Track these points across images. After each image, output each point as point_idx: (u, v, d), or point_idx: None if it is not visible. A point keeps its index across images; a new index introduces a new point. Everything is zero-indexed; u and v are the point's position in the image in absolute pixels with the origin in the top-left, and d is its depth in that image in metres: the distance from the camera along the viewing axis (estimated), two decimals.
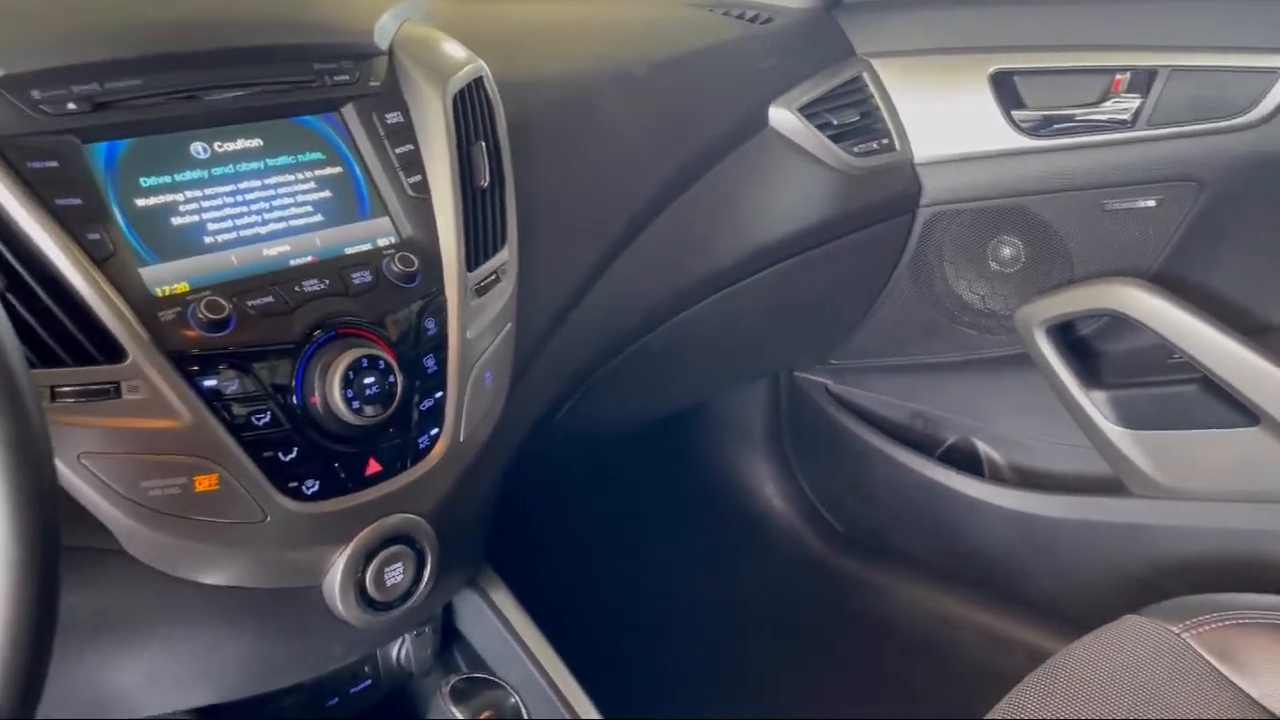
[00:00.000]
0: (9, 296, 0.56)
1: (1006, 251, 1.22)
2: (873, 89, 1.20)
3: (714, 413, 1.57)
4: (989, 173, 1.17)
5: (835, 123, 1.15)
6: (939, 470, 1.35)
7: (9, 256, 0.57)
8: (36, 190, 0.59)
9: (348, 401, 0.65)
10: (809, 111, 1.13)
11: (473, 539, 0.85)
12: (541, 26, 1.08)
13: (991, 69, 1.13)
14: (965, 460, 1.37)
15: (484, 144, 0.79)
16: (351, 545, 0.69)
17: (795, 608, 1.47)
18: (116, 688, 0.68)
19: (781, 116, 1.12)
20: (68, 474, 0.58)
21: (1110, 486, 1.22)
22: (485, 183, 0.78)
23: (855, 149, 1.15)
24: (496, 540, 0.88)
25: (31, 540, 0.39)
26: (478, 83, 0.81)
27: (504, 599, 0.87)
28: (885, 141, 1.19)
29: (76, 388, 0.58)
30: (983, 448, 1.38)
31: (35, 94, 0.61)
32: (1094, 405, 1.17)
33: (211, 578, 0.65)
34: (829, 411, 1.46)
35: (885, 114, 1.19)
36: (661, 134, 1.00)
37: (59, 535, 0.41)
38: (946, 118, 1.17)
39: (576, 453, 1.20)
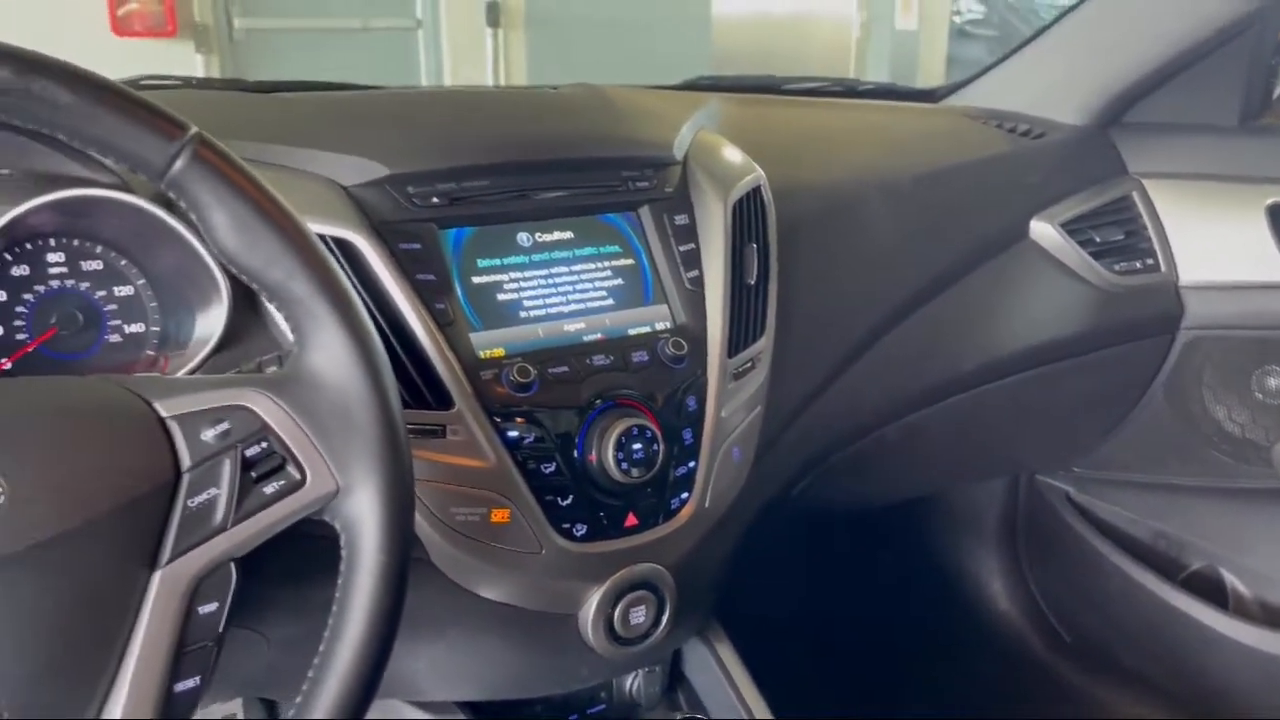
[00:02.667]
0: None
1: (1273, 383, 1.19)
2: (1141, 208, 1.21)
3: (947, 503, 1.59)
4: (1259, 303, 1.15)
5: (1098, 239, 1.17)
6: (1179, 596, 1.31)
7: (379, 318, 0.73)
8: (403, 266, 0.75)
9: (618, 462, 0.76)
10: (1072, 227, 1.16)
11: (707, 594, 0.94)
12: (814, 132, 1.17)
13: (1269, 200, 1.12)
14: (1208, 589, 1.32)
15: (755, 245, 0.89)
16: (606, 585, 0.80)
17: (1012, 708, 1.45)
18: (406, 673, 0.82)
19: (1043, 230, 1.16)
20: None
21: None
22: (753, 280, 0.88)
23: (1116, 267, 1.17)
24: (728, 598, 0.97)
25: (398, 550, 0.52)
26: (756, 191, 0.91)
27: (728, 652, 0.96)
28: (1149, 261, 1.19)
29: (414, 426, 0.73)
30: (1229, 579, 1.32)
31: (410, 189, 0.77)
32: None
33: (491, 593, 0.78)
34: (1067, 519, 1.45)
35: (1152, 234, 1.20)
36: (920, 243, 1.07)
37: (410, 551, 0.54)
38: (1217, 244, 1.16)
39: (809, 527, 1.27)
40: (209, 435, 0.50)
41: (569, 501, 0.77)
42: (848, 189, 1.05)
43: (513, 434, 0.75)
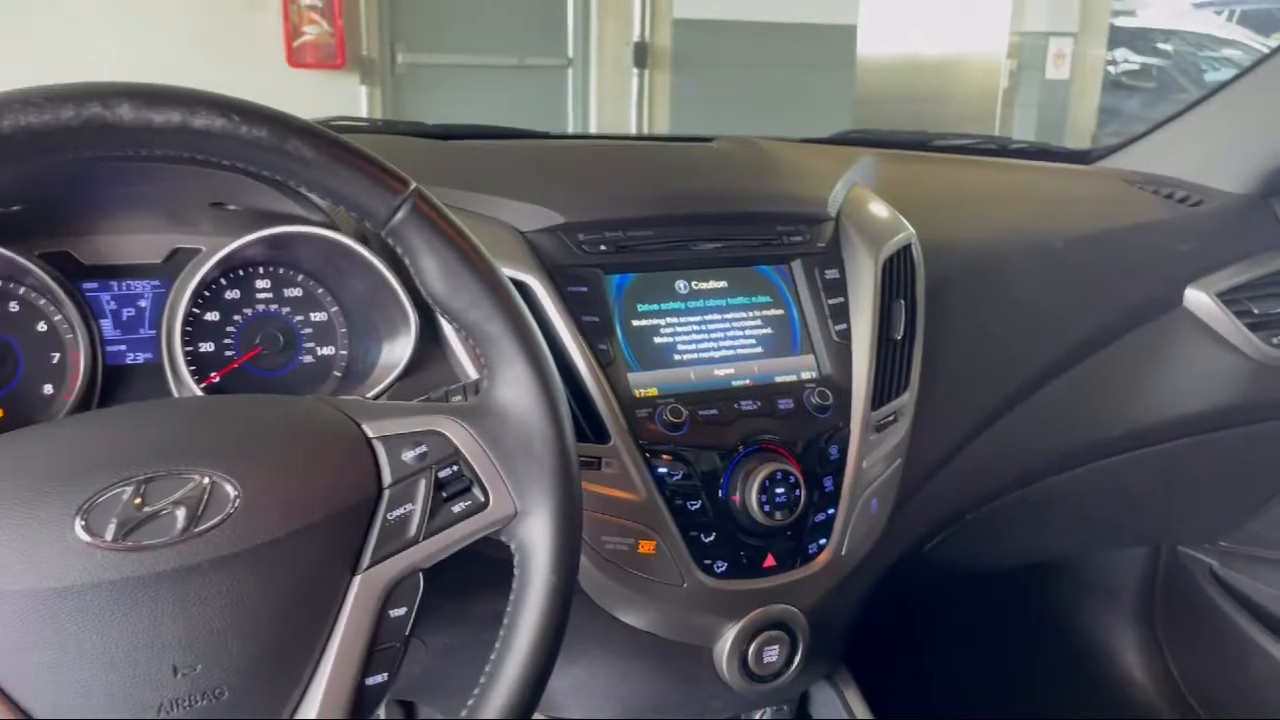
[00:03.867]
0: None
1: None
2: None
3: (1082, 569, 1.55)
4: None
5: (1256, 311, 1.14)
6: None
7: None
8: (571, 307, 0.80)
9: (760, 504, 0.80)
10: (1229, 297, 1.14)
11: (838, 639, 0.96)
12: (965, 191, 1.19)
13: None
14: None
15: (904, 301, 0.92)
16: (742, 622, 0.83)
17: None
18: (550, 691, 0.87)
19: (1198, 299, 1.14)
20: None
21: None
22: (899, 335, 0.91)
23: (1275, 340, 1.14)
24: (857, 646, 0.99)
25: (566, 572, 0.57)
26: (906, 249, 0.94)
27: (855, 698, 0.97)
28: None
29: None
30: None
31: (580, 236, 0.83)
32: None
33: (634, 620, 0.82)
34: (1210, 594, 1.40)
35: None
36: (1070, 306, 1.07)
37: (576, 573, 0.58)
38: None
39: (942, 581, 1.27)
40: (408, 456, 0.56)
41: (712, 539, 0.81)
42: (997, 248, 1.07)
43: (662, 470, 0.80)
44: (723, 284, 0.88)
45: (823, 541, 0.85)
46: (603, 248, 0.83)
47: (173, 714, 0.49)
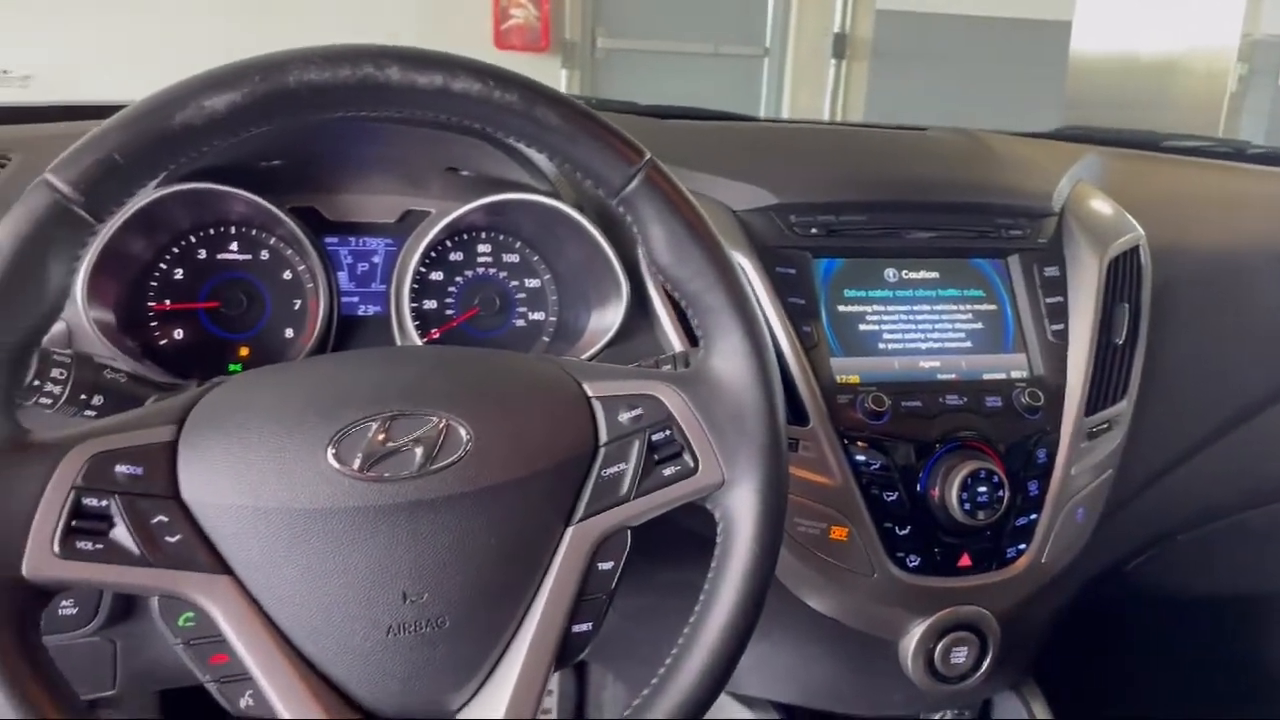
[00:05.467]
0: None
1: None
2: None
3: None
4: None
5: None
6: None
7: None
8: (778, 288, 0.80)
9: (960, 502, 0.78)
10: None
11: (1029, 648, 0.93)
12: (1198, 194, 1.11)
13: None
14: None
15: (1127, 305, 0.87)
16: (931, 620, 0.81)
17: None
18: None
19: None
20: None
21: None
22: (1121, 340, 0.86)
23: None
24: (1048, 659, 0.95)
25: (769, 544, 0.57)
26: (1134, 249, 0.89)
27: (1041, 711, 0.94)
28: None
29: None
30: None
31: (792, 218, 0.83)
32: None
33: (820, 605, 0.82)
34: None
35: None
36: None
37: (779, 547, 0.59)
38: None
39: (1143, 603, 1.20)
40: (624, 417, 0.58)
41: (906, 532, 0.80)
42: (1233, 256, 1.00)
43: (860, 458, 0.79)
44: (934, 275, 0.86)
45: (1022, 546, 0.82)
46: (814, 230, 0.83)
47: (400, 636, 0.53)
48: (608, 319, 0.82)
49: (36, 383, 0.59)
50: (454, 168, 0.84)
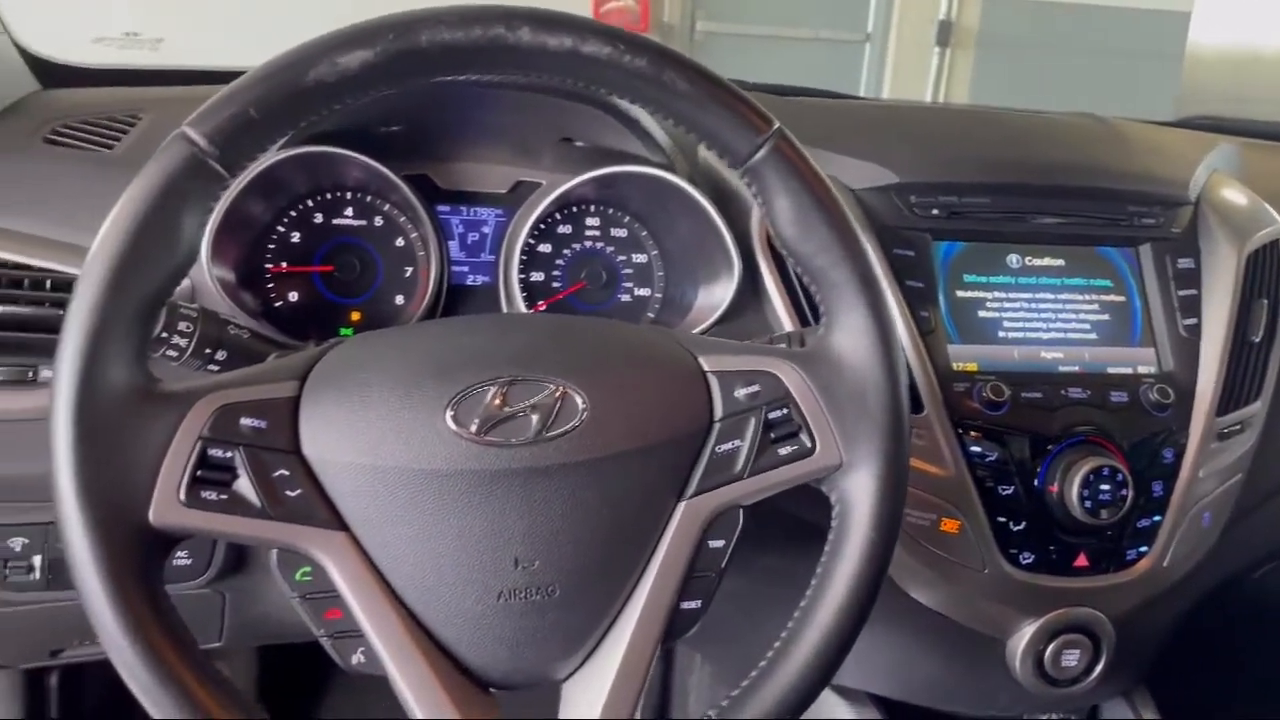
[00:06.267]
0: None
1: None
2: None
3: None
4: None
5: None
6: None
7: None
8: (896, 270, 0.78)
9: (1081, 500, 0.74)
10: None
11: (1144, 655, 0.89)
12: None
13: None
14: None
15: (1266, 300, 0.83)
16: (1043, 620, 0.78)
17: None
18: None
19: None
20: None
21: None
22: (1258, 337, 0.82)
23: None
24: (1162, 667, 0.91)
25: (887, 530, 0.55)
26: (1275, 243, 0.84)
27: (1152, 718, 0.90)
28: None
29: None
30: None
31: (913, 198, 0.80)
32: None
33: (925, 599, 0.80)
34: None
35: None
36: None
37: (898, 534, 0.57)
38: None
39: (1269, 615, 1.14)
40: (741, 394, 0.56)
41: (1021, 527, 0.77)
42: None
43: (975, 449, 0.76)
44: (1059, 262, 0.83)
45: (1143, 549, 0.78)
46: (935, 212, 0.80)
47: (510, 602, 0.52)
48: (716, 296, 0.80)
49: (164, 335, 0.61)
50: (569, 138, 0.84)
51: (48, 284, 0.70)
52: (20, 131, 0.75)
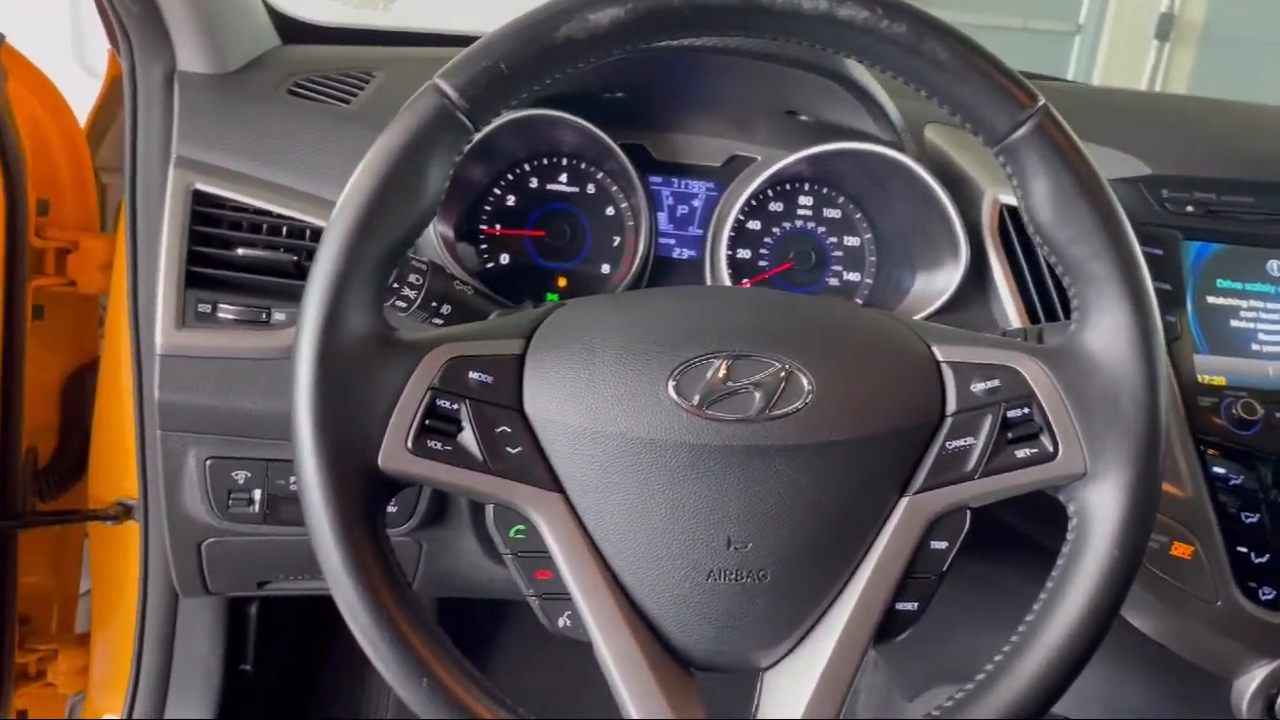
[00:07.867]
0: None
1: None
2: None
3: None
4: None
5: None
6: None
7: None
8: None
9: None
10: None
11: None
12: None
13: None
14: None
15: None
16: (1278, 663, 0.71)
17: None
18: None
19: None
20: None
21: None
22: None
23: None
24: None
25: (1133, 549, 0.50)
26: None
27: None
28: None
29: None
30: None
31: (1165, 193, 0.74)
32: None
33: (1146, 626, 0.73)
34: None
35: None
36: None
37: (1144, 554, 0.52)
38: None
39: None
40: (978, 388, 0.53)
41: (1264, 560, 0.70)
42: None
43: (1218, 470, 0.70)
44: None
45: None
46: (1189, 209, 0.74)
47: (719, 582, 0.51)
48: (938, 284, 0.76)
49: (395, 285, 0.62)
50: (793, 111, 0.81)
51: (284, 230, 0.72)
52: (266, 83, 0.79)
